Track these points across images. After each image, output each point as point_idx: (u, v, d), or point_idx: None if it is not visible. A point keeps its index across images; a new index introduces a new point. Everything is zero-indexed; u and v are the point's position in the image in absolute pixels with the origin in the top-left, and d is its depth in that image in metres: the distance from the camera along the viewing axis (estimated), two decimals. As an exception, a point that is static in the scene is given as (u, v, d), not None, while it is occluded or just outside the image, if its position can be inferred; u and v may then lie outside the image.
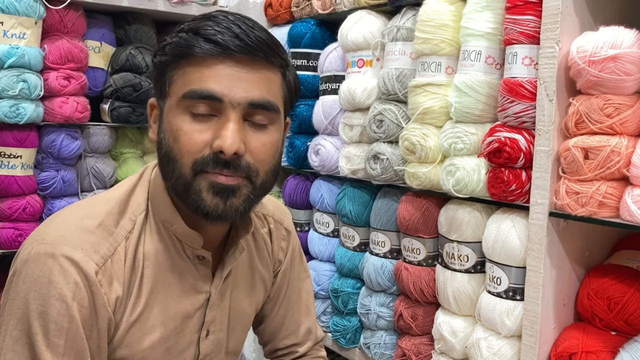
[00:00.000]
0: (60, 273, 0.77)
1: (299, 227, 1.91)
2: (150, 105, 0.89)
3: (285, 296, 1.13)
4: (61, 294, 0.77)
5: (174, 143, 0.80)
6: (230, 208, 0.81)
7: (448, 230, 1.35)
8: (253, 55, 0.79)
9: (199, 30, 0.78)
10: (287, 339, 1.14)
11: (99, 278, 0.80)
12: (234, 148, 0.77)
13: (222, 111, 0.79)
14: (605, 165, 1.03)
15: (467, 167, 1.25)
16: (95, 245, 0.81)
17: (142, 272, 0.86)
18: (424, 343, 1.46)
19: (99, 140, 1.96)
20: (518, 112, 1.16)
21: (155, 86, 0.86)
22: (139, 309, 0.86)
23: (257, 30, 0.79)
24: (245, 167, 0.80)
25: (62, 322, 0.77)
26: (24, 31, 1.68)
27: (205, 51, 0.77)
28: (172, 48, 0.81)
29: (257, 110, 0.81)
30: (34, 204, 1.78)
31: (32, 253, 0.79)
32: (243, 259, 1.01)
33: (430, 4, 1.33)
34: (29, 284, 0.78)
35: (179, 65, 0.80)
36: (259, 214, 1.08)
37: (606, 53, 1.00)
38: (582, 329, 1.14)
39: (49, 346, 0.77)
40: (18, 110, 1.69)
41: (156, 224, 0.88)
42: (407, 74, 1.44)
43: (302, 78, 1.83)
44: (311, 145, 1.79)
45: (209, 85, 0.78)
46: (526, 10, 1.14)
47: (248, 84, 0.79)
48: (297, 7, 1.88)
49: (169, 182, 0.83)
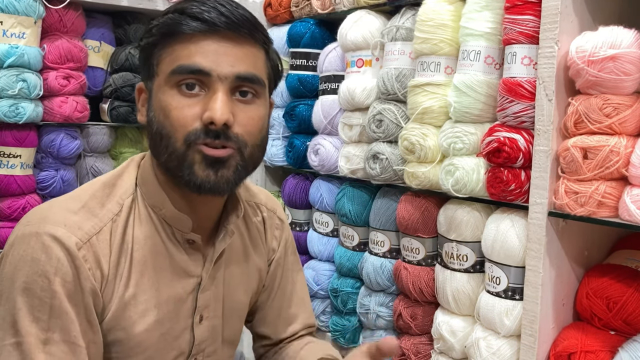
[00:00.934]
0: (43, 250, 0.79)
1: (299, 226, 1.91)
2: (139, 89, 0.92)
3: (280, 286, 1.13)
4: (43, 269, 0.79)
5: (164, 119, 0.82)
6: (221, 179, 0.83)
7: (447, 230, 1.35)
8: (238, 31, 0.82)
9: (185, 10, 0.81)
10: (283, 331, 1.13)
11: (82, 253, 0.81)
12: (224, 118, 0.80)
13: (210, 85, 0.81)
14: (604, 165, 1.03)
15: (466, 167, 1.26)
16: (78, 223, 0.83)
17: (131, 254, 0.87)
18: (423, 343, 1.46)
19: (99, 140, 1.97)
20: (517, 112, 1.16)
21: (143, 69, 0.88)
22: (130, 290, 0.87)
23: (241, 9, 0.83)
24: (234, 137, 0.82)
25: (45, 297, 0.78)
26: (24, 31, 1.68)
27: (192, 28, 0.80)
28: (159, 28, 0.83)
29: (244, 84, 0.83)
30: (33, 204, 1.78)
31: (18, 235, 0.82)
32: (237, 247, 1.02)
33: (429, 4, 1.34)
34: (14, 263, 0.80)
35: (167, 44, 0.83)
36: (252, 202, 1.09)
37: (605, 53, 1.00)
38: (581, 329, 1.14)
39: (33, 321, 0.78)
40: (17, 110, 1.69)
41: (145, 208, 0.90)
42: (406, 74, 1.44)
43: (301, 78, 1.83)
44: (310, 145, 1.79)
45: (196, 60, 0.80)
46: (525, 10, 1.14)
47: (234, 58, 0.82)
48: (297, 7, 1.88)
49: (161, 158, 0.85)
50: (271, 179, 2.15)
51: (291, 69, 1.88)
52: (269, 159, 1.98)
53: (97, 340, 0.84)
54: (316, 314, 1.78)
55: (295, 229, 1.90)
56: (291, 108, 1.86)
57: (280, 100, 1.95)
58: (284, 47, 1.93)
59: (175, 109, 0.81)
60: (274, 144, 1.97)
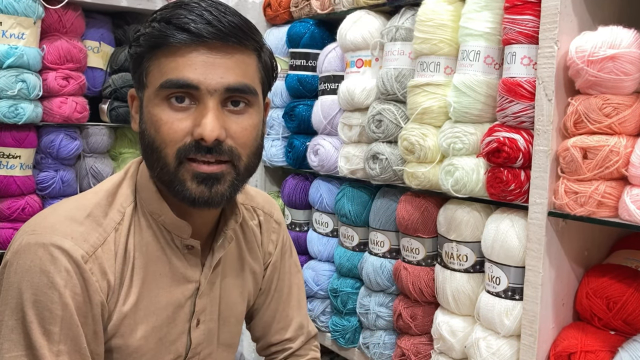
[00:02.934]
0: (51, 262, 0.79)
1: (298, 227, 1.91)
2: (131, 96, 0.91)
3: (276, 289, 1.13)
4: (53, 282, 0.78)
5: (155, 134, 0.81)
6: (215, 195, 0.82)
7: (447, 230, 1.35)
8: (226, 41, 0.80)
9: (172, 19, 0.79)
10: (279, 333, 1.14)
11: (89, 266, 0.81)
12: (214, 135, 0.78)
13: (200, 99, 0.80)
14: (604, 165, 1.03)
15: (466, 167, 1.26)
16: (84, 235, 0.83)
17: (132, 263, 0.87)
18: (423, 343, 1.46)
19: (98, 140, 1.96)
20: (517, 112, 1.16)
21: (133, 77, 0.87)
22: (132, 299, 0.87)
23: (230, 15, 0.80)
24: (227, 151, 0.81)
25: (55, 309, 0.78)
26: (23, 31, 1.68)
27: (179, 40, 0.78)
28: (146, 39, 0.81)
29: (234, 95, 0.82)
30: (32, 204, 1.78)
31: (22, 244, 0.81)
32: (232, 251, 1.02)
33: (429, 4, 1.33)
34: (21, 273, 0.79)
35: (154, 56, 0.81)
36: (248, 206, 1.09)
37: (605, 53, 1.00)
38: (581, 329, 1.14)
39: (44, 334, 0.78)
40: (17, 111, 1.69)
41: (144, 215, 0.89)
42: (406, 74, 1.44)
43: (301, 78, 1.83)
44: (310, 145, 1.79)
45: (184, 74, 0.79)
46: (525, 10, 1.14)
47: (223, 69, 0.80)
48: (296, 7, 1.88)
49: (154, 172, 0.85)
50: (271, 179, 2.15)
51: (291, 69, 1.88)
52: (269, 159, 1.98)
53: (100, 351, 0.84)
54: (316, 314, 1.78)
55: (295, 229, 1.90)
56: (291, 108, 1.86)
57: (279, 100, 1.95)
58: (284, 48, 1.93)
59: (166, 124, 0.80)
60: (274, 144, 1.97)
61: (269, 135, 1.98)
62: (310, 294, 1.77)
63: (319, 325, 1.78)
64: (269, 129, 1.98)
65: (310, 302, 1.79)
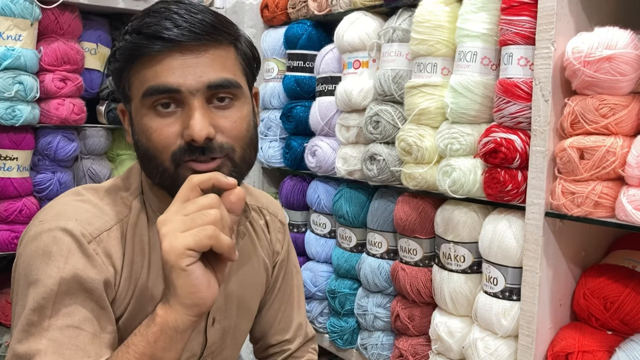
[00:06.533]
0: (54, 242, 0.80)
1: (296, 228, 1.91)
2: (121, 111, 0.92)
3: (280, 289, 1.14)
4: (54, 260, 0.79)
5: (147, 142, 0.82)
6: None
7: (444, 231, 1.35)
8: (199, 40, 0.80)
9: (142, 30, 0.80)
10: (279, 334, 1.15)
11: (93, 246, 0.82)
12: (203, 134, 0.79)
13: (184, 101, 0.81)
14: (601, 165, 1.03)
15: (463, 168, 1.26)
16: (89, 219, 0.84)
17: (149, 257, 0.88)
18: (421, 344, 1.46)
19: (95, 142, 1.96)
20: (514, 112, 1.16)
21: (118, 92, 0.88)
22: (149, 292, 0.87)
23: (199, 13, 0.81)
24: (219, 147, 0.82)
25: (52, 284, 0.79)
26: (20, 33, 1.68)
27: (152, 50, 0.79)
28: (121, 53, 0.83)
29: (218, 91, 0.82)
30: (30, 206, 1.77)
31: (30, 234, 0.83)
32: (247, 250, 1.03)
33: (426, 5, 1.34)
34: (27, 261, 0.81)
35: (133, 68, 0.82)
36: (255, 207, 1.09)
37: (601, 53, 1.01)
38: (578, 329, 1.14)
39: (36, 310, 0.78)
40: (14, 112, 1.68)
41: (154, 213, 0.90)
42: (403, 75, 1.44)
43: (298, 79, 1.83)
44: (308, 146, 1.79)
45: (163, 79, 0.79)
46: (521, 11, 1.14)
47: (201, 68, 0.80)
48: (294, 9, 1.88)
49: (155, 179, 0.85)
50: (268, 181, 2.15)
51: (288, 70, 1.88)
52: (266, 161, 1.98)
53: (111, 329, 0.83)
54: (314, 315, 1.78)
55: (292, 230, 1.90)
56: (288, 109, 1.86)
57: (277, 101, 1.95)
58: (281, 49, 1.93)
59: (155, 131, 0.81)
60: (271, 146, 1.97)
61: (267, 136, 1.98)
62: (308, 295, 1.77)
63: (317, 326, 1.78)
64: (267, 130, 1.98)
65: (308, 303, 1.79)
